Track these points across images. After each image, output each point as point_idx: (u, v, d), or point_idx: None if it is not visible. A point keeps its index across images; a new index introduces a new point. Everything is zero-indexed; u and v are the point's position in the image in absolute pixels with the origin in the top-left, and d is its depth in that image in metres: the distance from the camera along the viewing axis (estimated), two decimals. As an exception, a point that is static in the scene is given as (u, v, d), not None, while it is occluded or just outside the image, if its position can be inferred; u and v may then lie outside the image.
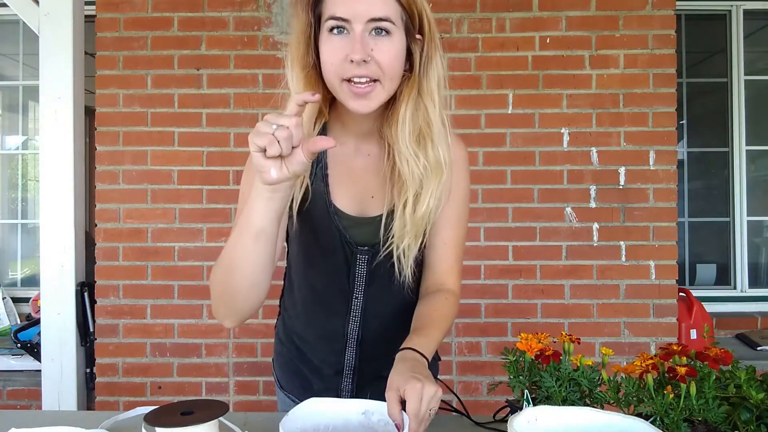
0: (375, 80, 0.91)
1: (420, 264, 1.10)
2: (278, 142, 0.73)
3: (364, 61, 0.88)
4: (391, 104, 0.98)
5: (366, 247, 1.05)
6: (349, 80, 0.90)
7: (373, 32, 0.89)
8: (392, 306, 1.12)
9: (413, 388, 0.80)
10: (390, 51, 0.90)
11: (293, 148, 0.75)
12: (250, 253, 0.84)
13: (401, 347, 0.94)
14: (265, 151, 0.74)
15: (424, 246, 1.06)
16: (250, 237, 0.82)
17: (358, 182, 1.05)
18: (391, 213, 1.02)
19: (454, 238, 1.09)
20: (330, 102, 1.02)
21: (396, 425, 0.81)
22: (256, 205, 0.80)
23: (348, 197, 1.04)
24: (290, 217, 1.04)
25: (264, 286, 0.90)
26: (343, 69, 0.90)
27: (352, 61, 0.88)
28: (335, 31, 0.90)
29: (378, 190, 1.04)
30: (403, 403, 0.81)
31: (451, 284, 1.09)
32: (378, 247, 1.04)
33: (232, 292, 0.89)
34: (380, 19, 0.88)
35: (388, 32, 0.90)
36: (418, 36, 0.95)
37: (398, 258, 1.01)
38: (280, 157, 0.75)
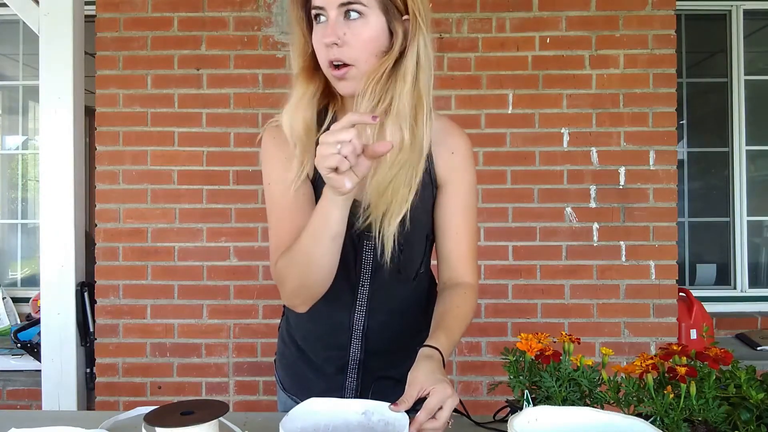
0: (349, 64, 0.95)
1: (411, 249, 1.08)
2: (346, 158, 0.80)
3: (335, 44, 0.93)
4: None
5: (371, 233, 1.04)
6: (331, 64, 0.96)
7: (347, 16, 0.94)
8: (399, 297, 1.12)
9: (443, 390, 0.84)
10: (363, 33, 0.94)
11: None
12: (329, 251, 0.94)
13: (425, 343, 0.95)
14: (336, 169, 0.81)
15: (406, 218, 1.01)
16: (329, 239, 0.92)
17: None
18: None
19: (465, 226, 1.09)
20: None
21: (395, 404, 0.83)
22: (334, 213, 0.89)
23: None
24: None
25: (335, 270, 0.98)
26: (324, 54, 0.96)
27: (327, 45, 0.94)
28: (317, 19, 0.97)
29: None
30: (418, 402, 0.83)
31: (468, 276, 1.10)
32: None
33: (311, 284, 0.98)
34: (349, 2, 0.93)
35: (360, 14, 0.94)
36: (405, 17, 0.97)
37: (379, 230, 1.00)
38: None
